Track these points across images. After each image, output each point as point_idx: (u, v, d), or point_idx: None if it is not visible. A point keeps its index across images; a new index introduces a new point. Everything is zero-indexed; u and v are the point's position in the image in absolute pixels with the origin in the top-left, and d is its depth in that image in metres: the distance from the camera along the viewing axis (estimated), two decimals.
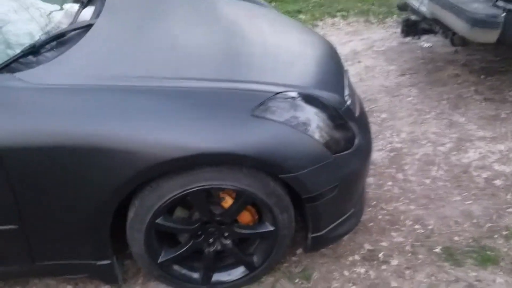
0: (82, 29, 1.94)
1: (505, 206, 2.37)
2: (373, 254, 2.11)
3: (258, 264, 1.92)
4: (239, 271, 1.94)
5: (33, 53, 1.74)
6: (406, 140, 2.91)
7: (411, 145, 2.86)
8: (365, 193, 2.16)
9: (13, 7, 2.00)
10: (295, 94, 1.79)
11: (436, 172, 2.63)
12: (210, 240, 1.86)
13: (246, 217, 1.86)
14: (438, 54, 4.04)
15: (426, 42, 4.19)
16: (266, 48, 2.10)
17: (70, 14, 2.09)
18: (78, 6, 2.17)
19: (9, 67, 1.65)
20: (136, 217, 1.72)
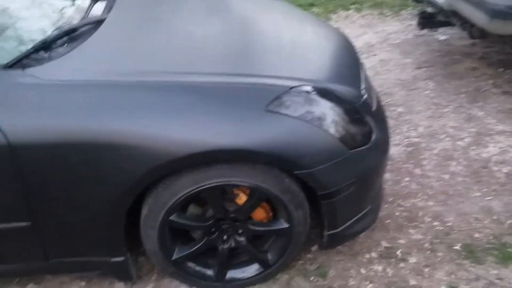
0: (93, 24, 1.93)
1: None
2: (390, 252, 2.08)
3: (273, 261, 1.89)
4: (254, 269, 1.92)
5: (44, 48, 1.73)
6: (424, 134, 2.86)
7: (429, 139, 2.80)
8: (382, 189, 2.11)
9: (25, 4, 2.00)
10: (310, 88, 1.75)
11: (455, 167, 2.57)
12: (224, 237, 1.84)
13: (260, 214, 1.84)
14: (455, 46, 3.96)
15: (442, 34, 4.11)
16: (280, 41, 2.06)
17: (82, 9, 2.07)
18: (90, 1, 2.15)
19: (20, 63, 1.64)
20: (149, 214, 1.71)
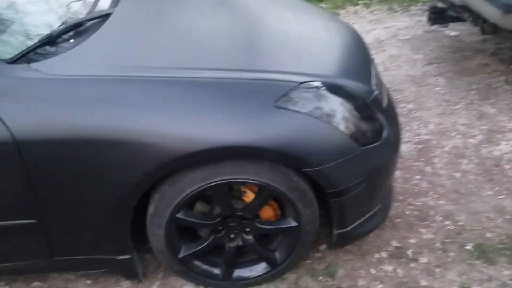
0: (100, 18, 1.90)
1: None
2: (401, 252, 2.04)
3: (281, 260, 1.87)
4: (261, 267, 1.89)
5: (50, 43, 1.72)
6: (435, 131, 2.81)
7: (440, 137, 2.76)
8: (392, 187, 2.07)
9: None
10: (319, 84, 1.72)
11: (466, 165, 2.53)
12: (231, 235, 1.82)
13: (268, 212, 1.81)
14: (466, 43, 3.90)
15: (453, 30, 4.04)
16: (289, 36, 2.03)
17: (88, 3, 2.04)
18: None
19: (25, 58, 1.62)
20: (156, 212, 1.68)
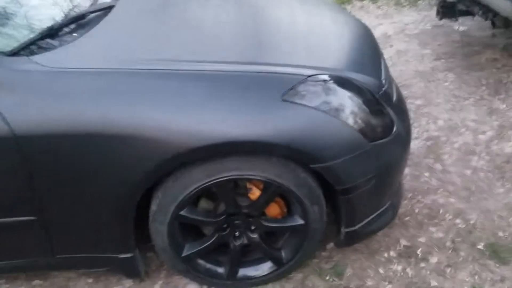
0: (102, 10, 1.86)
1: None
2: (410, 251, 1.99)
3: (287, 259, 1.82)
4: (267, 267, 1.85)
5: (51, 36, 1.69)
6: (444, 128, 2.76)
7: (449, 133, 2.71)
8: (402, 185, 2.02)
9: None
10: (328, 77, 1.68)
11: (476, 162, 2.47)
12: (236, 233, 1.77)
13: (274, 209, 1.77)
14: (475, 37, 3.83)
15: (461, 25, 3.96)
16: (297, 29, 1.98)
17: None
18: None
19: (25, 50, 1.58)
20: (159, 209, 1.64)
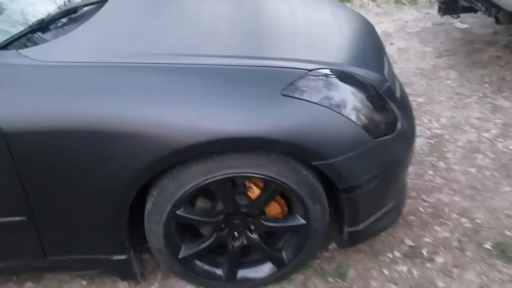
0: (96, 4, 1.81)
1: None
2: (415, 251, 1.94)
3: (288, 260, 1.77)
4: (267, 268, 1.79)
5: (41, 29, 1.64)
6: (447, 125, 2.71)
7: (453, 131, 2.66)
8: (406, 183, 1.96)
9: None
10: (329, 72, 1.62)
11: (481, 160, 2.43)
12: (235, 233, 1.72)
13: (274, 208, 1.71)
14: (476, 35, 3.79)
15: (462, 23, 3.91)
16: (297, 23, 1.93)
17: None
18: None
19: (15, 44, 1.53)
20: (154, 208, 1.58)
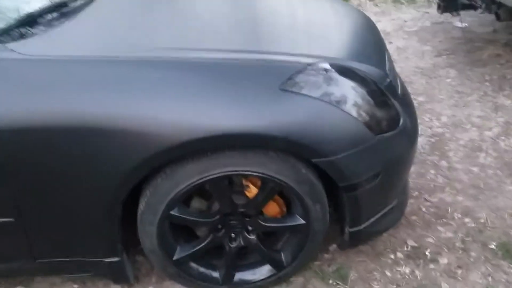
0: None
1: None
2: (418, 252, 1.89)
3: (287, 262, 1.71)
4: (265, 270, 1.73)
5: (30, 23, 1.57)
6: (448, 124, 2.68)
7: (454, 129, 2.62)
8: (408, 182, 1.91)
9: None
10: (328, 66, 1.57)
11: (484, 159, 2.39)
12: (232, 234, 1.66)
13: (273, 208, 1.67)
14: (476, 34, 3.77)
15: (461, 21, 3.88)
16: (296, 18, 1.91)
17: None
18: None
19: (2, 38, 1.46)
20: (147, 208, 1.52)
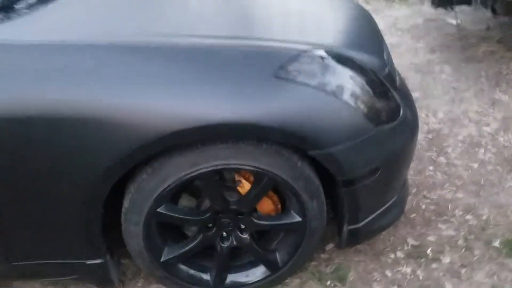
0: None
1: None
2: (419, 251, 1.83)
3: (282, 263, 1.64)
4: (259, 272, 1.67)
5: (6, 8, 1.49)
6: (445, 120, 2.64)
7: (451, 125, 2.59)
8: (407, 179, 1.83)
9: None
10: (324, 53, 1.50)
11: (483, 155, 2.35)
12: (224, 233, 1.59)
13: (267, 205, 1.60)
14: (469, 31, 3.75)
15: (454, 18, 3.86)
16: (291, 6, 1.84)
17: None
18: None
19: None
20: (132, 206, 1.45)
